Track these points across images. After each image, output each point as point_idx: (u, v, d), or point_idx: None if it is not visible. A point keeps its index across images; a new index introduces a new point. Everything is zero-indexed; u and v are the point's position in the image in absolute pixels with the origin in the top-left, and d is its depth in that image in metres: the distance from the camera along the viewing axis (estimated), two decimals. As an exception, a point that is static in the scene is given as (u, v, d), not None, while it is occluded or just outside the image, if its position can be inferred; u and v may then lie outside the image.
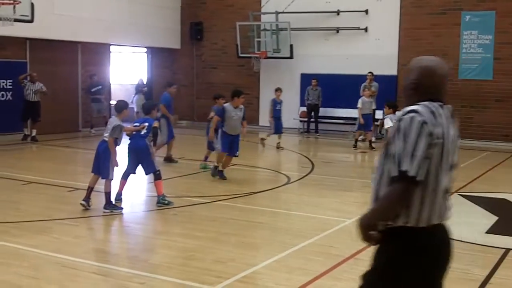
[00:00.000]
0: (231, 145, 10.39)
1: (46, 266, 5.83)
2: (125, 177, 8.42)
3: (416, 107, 2.80)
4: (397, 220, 2.78)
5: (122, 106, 8.31)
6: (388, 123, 10.87)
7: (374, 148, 15.18)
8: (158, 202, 8.41)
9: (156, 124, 8.56)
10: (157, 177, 8.38)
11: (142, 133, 8.31)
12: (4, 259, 5.96)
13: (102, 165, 7.96)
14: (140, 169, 8.43)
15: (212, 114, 11.25)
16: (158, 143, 10.33)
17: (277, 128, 14.77)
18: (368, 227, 2.84)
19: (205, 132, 11.87)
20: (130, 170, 8.41)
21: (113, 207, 8.04)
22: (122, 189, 8.38)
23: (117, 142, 8.05)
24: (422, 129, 2.73)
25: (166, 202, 8.43)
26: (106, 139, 7.97)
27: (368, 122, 15.05)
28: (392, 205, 2.77)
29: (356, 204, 9.18)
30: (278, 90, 15.32)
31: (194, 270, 5.72)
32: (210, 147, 11.46)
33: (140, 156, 8.29)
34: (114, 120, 8.12)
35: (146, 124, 8.37)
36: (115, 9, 18.39)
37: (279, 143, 14.77)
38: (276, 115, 14.79)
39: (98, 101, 17.96)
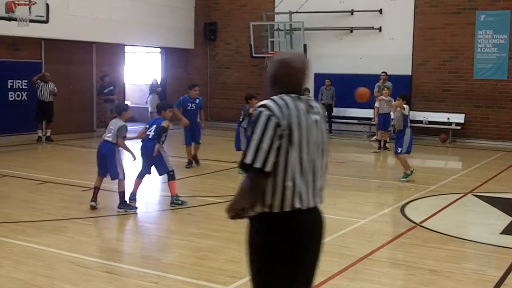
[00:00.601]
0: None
1: (60, 265, 5.87)
2: (140, 177, 8.49)
3: (267, 101, 2.96)
4: (262, 206, 2.97)
5: (122, 108, 8.44)
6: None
7: (388, 148, 15.11)
8: (171, 203, 8.44)
9: (165, 124, 8.56)
10: (171, 177, 8.41)
11: (150, 136, 8.34)
12: (19, 258, 6.01)
13: (110, 166, 8.00)
14: (154, 169, 8.48)
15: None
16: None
17: None
18: (232, 214, 3.12)
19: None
20: (145, 171, 8.49)
21: (127, 206, 8.09)
22: (137, 189, 8.43)
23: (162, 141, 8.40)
24: (268, 122, 2.86)
25: (180, 202, 8.47)
26: (110, 139, 8.04)
27: (386, 122, 14.89)
28: (245, 194, 2.98)
29: (371, 204, 9.15)
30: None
31: (208, 270, 5.73)
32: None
33: (151, 158, 8.33)
34: (117, 122, 8.16)
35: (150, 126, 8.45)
36: (130, 9, 18.48)
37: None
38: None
39: (110, 101, 18.04)
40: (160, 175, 8.62)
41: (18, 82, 15.97)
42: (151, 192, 9.69)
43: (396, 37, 18.14)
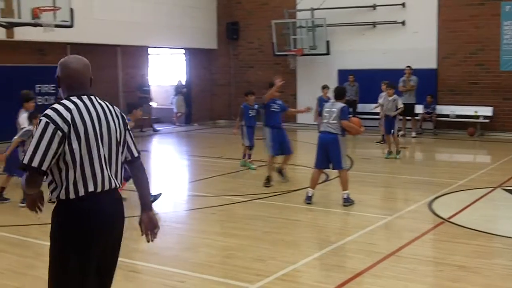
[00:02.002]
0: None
1: (90, 266, 5.95)
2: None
3: (48, 110, 3.29)
4: (55, 194, 3.31)
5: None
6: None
7: (399, 158, 14.71)
8: None
9: (129, 125, 8.52)
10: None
11: None
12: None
13: None
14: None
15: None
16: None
17: None
18: (28, 205, 3.56)
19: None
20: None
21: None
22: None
23: None
24: (46, 128, 3.21)
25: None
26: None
27: (392, 125, 14.17)
28: (27, 188, 3.37)
29: (398, 201, 9.09)
30: (325, 87, 15.14)
31: (234, 268, 5.76)
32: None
33: None
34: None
35: None
36: (152, 11, 18.62)
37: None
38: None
39: (145, 101, 18.38)
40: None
41: (46, 87, 16.22)
42: (177, 193, 9.76)
43: (420, 30, 17.94)
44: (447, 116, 17.44)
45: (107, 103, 3.49)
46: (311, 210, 8.36)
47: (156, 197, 8.35)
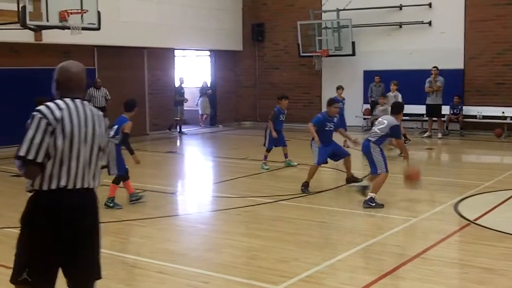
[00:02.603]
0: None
1: (114, 265, 6.03)
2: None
3: (41, 107, 3.52)
4: (30, 184, 3.55)
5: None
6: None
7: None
8: (105, 204, 8.34)
9: (127, 129, 8.83)
10: (116, 181, 8.58)
11: (111, 134, 8.38)
12: (76, 259, 6.21)
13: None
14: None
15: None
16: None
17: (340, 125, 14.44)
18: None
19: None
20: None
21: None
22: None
23: None
24: (39, 123, 3.46)
25: (111, 205, 8.47)
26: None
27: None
28: (25, 177, 3.56)
29: (423, 202, 9.01)
30: (339, 88, 15.15)
31: (258, 270, 5.78)
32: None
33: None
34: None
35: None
36: (178, 14, 18.78)
37: (345, 141, 14.26)
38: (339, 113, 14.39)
39: (181, 104, 18.61)
40: (109, 174, 8.16)
41: (73, 89, 16.43)
42: (202, 194, 9.82)
43: (447, 30, 17.76)
44: (474, 117, 17.23)
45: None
46: (336, 211, 8.35)
47: (137, 196, 8.72)
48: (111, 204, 8.52)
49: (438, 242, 6.63)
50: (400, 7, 18.48)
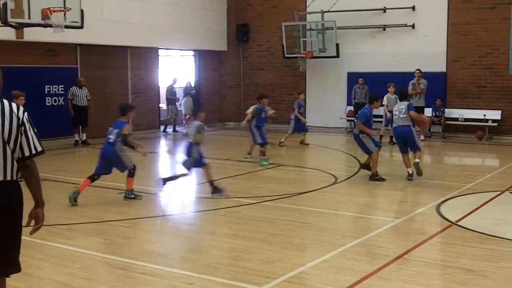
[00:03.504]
0: None
1: (98, 267, 5.99)
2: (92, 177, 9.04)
3: None
4: None
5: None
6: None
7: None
8: (125, 197, 9.02)
9: (126, 131, 8.91)
10: (131, 174, 9.03)
11: (111, 140, 8.90)
12: (58, 260, 6.16)
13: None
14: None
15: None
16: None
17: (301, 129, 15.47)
18: None
19: None
20: (102, 170, 9.09)
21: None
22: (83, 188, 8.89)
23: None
24: None
25: (133, 196, 8.99)
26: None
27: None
28: None
29: (405, 204, 9.07)
30: (301, 93, 16.19)
31: (242, 270, 5.77)
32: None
33: (110, 160, 8.97)
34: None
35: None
36: (163, 13, 18.70)
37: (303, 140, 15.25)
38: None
39: (172, 103, 18.90)
40: (121, 171, 9.09)
41: (55, 87, 16.32)
42: (186, 194, 9.78)
43: (430, 33, 17.91)
44: (456, 119, 17.41)
45: (10, 104, 3.78)
46: (320, 212, 8.37)
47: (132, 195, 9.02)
48: (132, 196, 8.98)
49: (421, 243, 6.67)
50: (384, 9, 18.60)
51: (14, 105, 3.81)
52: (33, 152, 3.87)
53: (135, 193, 9.06)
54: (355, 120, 11.01)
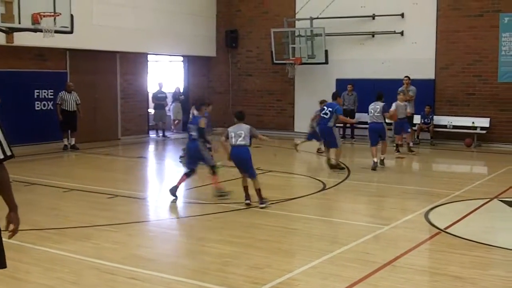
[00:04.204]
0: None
1: (86, 271, 5.96)
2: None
3: None
4: None
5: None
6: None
7: (414, 151, 15.06)
8: (215, 195, 9.40)
9: (201, 124, 9.38)
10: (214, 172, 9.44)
11: (193, 136, 9.39)
12: (46, 265, 6.12)
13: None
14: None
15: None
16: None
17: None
18: None
19: None
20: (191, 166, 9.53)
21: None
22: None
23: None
24: None
25: (223, 193, 9.40)
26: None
27: (404, 126, 14.87)
28: None
29: (394, 210, 9.10)
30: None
31: (231, 276, 5.77)
32: None
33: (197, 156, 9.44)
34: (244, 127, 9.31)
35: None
36: (152, 19, 18.68)
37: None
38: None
39: (161, 107, 19.07)
40: (207, 166, 9.54)
41: (44, 92, 16.24)
42: (174, 199, 9.76)
43: (419, 41, 18.03)
44: (444, 126, 17.52)
45: None
46: (308, 219, 8.38)
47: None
48: (223, 193, 9.35)
49: (409, 250, 6.70)
50: (373, 16, 18.71)
51: None
52: (1, 156, 3.81)
53: (223, 192, 9.42)
54: (325, 115, 12.23)
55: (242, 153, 9.01)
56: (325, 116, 12.19)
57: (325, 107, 12.41)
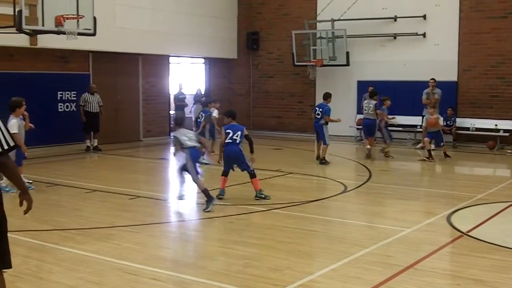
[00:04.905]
0: None
1: (108, 272, 6.02)
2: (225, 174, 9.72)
3: None
4: None
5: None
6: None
7: (449, 156, 14.78)
8: (256, 196, 9.56)
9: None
10: (252, 175, 9.64)
11: (237, 141, 9.58)
12: (69, 265, 6.20)
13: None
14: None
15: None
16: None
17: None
18: None
19: None
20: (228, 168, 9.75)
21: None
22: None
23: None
24: None
25: (263, 196, 9.55)
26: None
27: (438, 139, 14.66)
28: None
29: (416, 213, 9.03)
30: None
31: (251, 278, 5.78)
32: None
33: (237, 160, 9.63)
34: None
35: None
36: (174, 21, 18.81)
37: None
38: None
39: (181, 108, 19.14)
40: (243, 170, 9.70)
41: (67, 94, 16.45)
42: (194, 201, 9.81)
43: (441, 42, 17.89)
44: (467, 129, 17.33)
45: None
46: (328, 221, 8.36)
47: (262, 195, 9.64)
48: (262, 196, 9.57)
49: (431, 254, 6.65)
50: (395, 18, 18.60)
51: None
52: (5, 147, 3.99)
53: (264, 194, 9.60)
54: (318, 115, 13.78)
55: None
56: (317, 116, 13.79)
57: (316, 108, 14.02)
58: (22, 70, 15.29)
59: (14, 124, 9.59)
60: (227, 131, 9.59)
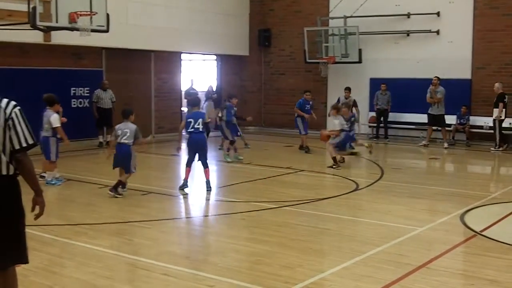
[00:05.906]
0: None
1: (120, 266, 6.04)
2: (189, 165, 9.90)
3: None
4: None
5: (128, 112, 10.15)
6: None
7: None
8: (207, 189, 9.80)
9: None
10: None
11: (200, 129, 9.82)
12: (81, 259, 6.22)
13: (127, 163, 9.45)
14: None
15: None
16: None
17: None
18: None
19: None
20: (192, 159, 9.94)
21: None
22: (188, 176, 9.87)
23: None
24: None
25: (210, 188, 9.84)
26: (126, 141, 9.63)
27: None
28: None
29: (429, 212, 8.98)
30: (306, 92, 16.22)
31: (262, 275, 5.77)
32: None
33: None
34: (131, 125, 9.84)
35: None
36: (186, 18, 18.82)
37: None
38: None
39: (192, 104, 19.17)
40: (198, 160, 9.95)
41: (80, 90, 16.51)
42: (206, 197, 9.82)
43: (455, 40, 17.75)
44: (480, 127, 17.19)
45: (1, 100, 3.99)
46: (340, 219, 8.33)
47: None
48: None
49: (444, 253, 6.61)
50: (408, 15, 18.49)
51: (4, 101, 3.97)
52: (24, 145, 3.95)
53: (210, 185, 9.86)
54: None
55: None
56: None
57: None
58: (36, 66, 15.35)
59: (56, 118, 10.28)
60: (189, 120, 9.69)
